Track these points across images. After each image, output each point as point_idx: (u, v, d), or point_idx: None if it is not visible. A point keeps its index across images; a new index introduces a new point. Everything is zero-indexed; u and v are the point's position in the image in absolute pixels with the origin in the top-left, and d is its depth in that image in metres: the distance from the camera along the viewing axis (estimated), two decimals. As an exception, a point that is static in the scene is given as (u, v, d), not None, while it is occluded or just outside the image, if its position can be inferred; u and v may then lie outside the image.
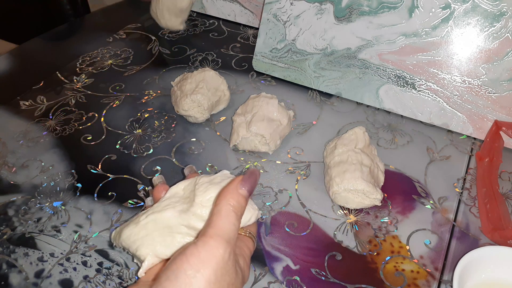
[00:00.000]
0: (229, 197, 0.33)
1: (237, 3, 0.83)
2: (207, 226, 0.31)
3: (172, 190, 0.39)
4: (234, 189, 0.33)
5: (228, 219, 0.31)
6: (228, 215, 0.32)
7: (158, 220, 0.36)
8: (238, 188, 0.33)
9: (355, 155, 0.51)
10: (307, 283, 0.43)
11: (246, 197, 0.34)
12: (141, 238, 0.36)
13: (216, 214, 0.32)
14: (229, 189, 0.33)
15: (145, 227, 0.36)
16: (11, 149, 0.58)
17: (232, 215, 0.32)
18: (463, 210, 0.51)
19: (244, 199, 0.33)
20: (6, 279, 0.43)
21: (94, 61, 0.75)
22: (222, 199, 0.33)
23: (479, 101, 0.58)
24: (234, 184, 0.34)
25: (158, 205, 0.38)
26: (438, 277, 0.44)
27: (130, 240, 0.36)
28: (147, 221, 0.36)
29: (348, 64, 0.64)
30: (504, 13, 0.54)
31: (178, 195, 0.38)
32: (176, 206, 0.37)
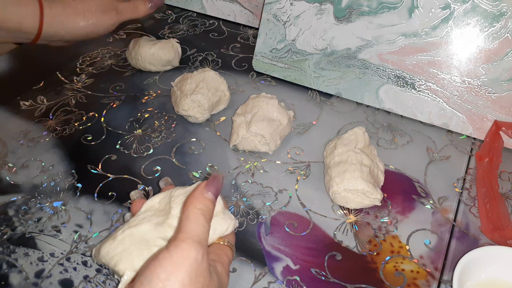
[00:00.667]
0: (196, 201, 0.33)
1: (237, 3, 0.83)
2: (177, 231, 0.32)
3: (148, 203, 0.39)
4: (200, 194, 0.34)
5: (197, 222, 0.32)
6: (197, 219, 0.32)
7: (135, 235, 0.36)
8: (203, 192, 0.34)
9: (355, 155, 0.51)
10: (307, 283, 0.43)
11: (212, 200, 0.34)
12: (118, 253, 0.36)
13: (185, 219, 0.32)
14: (195, 195, 0.34)
15: (122, 242, 0.36)
16: (11, 149, 0.58)
17: (201, 218, 0.32)
18: (463, 210, 0.51)
19: (211, 202, 0.34)
20: (6, 279, 0.44)
21: (94, 61, 0.75)
22: (189, 204, 0.33)
23: (479, 101, 0.58)
24: (199, 190, 0.34)
25: (134, 219, 0.38)
26: (438, 277, 0.44)
27: (109, 256, 0.36)
28: (123, 236, 0.36)
29: (348, 64, 0.64)
30: (504, 13, 0.54)
31: (154, 208, 0.38)
32: (151, 219, 0.37)
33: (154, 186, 0.53)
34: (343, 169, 0.49)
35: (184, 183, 0.54)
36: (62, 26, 0.54)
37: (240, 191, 0.53)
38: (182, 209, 0.33)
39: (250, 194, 0.52)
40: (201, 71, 0.62)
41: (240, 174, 0.55)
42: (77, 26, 0.56)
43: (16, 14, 0.50)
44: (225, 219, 0.37)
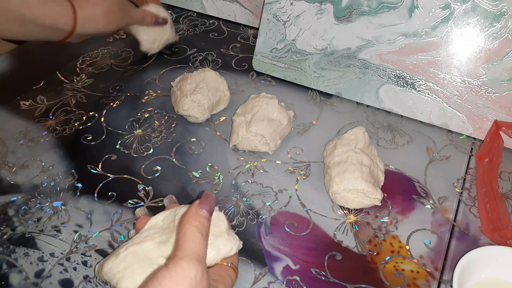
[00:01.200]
0: (191, 219, 0.33)
1: (237, 3, 0.83)
2: (175, 250, 0.32)
3: (152, 221, 0.39)
4: (194, 212, 0.34)
5: (194, 240, 0.32)
6: (193, 236, 0.32)
7: (138, 252, 0.36)
8: (198, 210, 0.34)
9: (355, 155, 0.51)
10: (307, 283, 0.43)
11: (207, 217, 0.34)
12: (121, 271, 0.36)
13: (182, 238, 0.32)
14: (189, 213, 0.34)
15: (125, 260, 0.36)
16: (11, 149, 0.58)
17: (197, 235, 0.32)
18: (463, 210, 0.51)
19: (206, 219, 0.34)
20: (6, 279, 0.44)
21: (94, 61, 0.75)
22: (184, 223, 0.33)
23: (479, 101, 0.58)
24: (193, 208, 0.34)
25: (138, 236, 0.38)
26: (438, 277, 0.44)
27: (111, 273, 0.36)
28: (126, 253, 0.36)
29: (348, 64, 0.64)
30: (504, 13, 0.54)
31: (158, 226, 0.38)
32: (155, 237, 0.37)
33: (154, 186, 0.53)
34: (343, 169, 0.49)
35: (184, 183, 0.54)
36: (93, 24, 0.58)
37: (240, 191, 0.53)
38: (178, 228, 0.33)
39: (250, 194, 0.52)
40: (201, 71, 0.62)
41: (240, 174, 0.55)
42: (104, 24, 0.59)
43: (53, 11, 0.53)
44: (229, 239, 0.36)
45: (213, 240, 0.35)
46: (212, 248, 0.35)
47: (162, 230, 0.37)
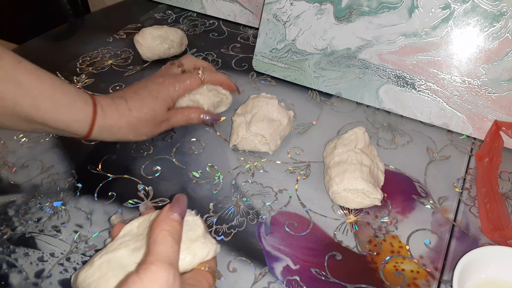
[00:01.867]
0: (162, 223, 0.32)
1: (237, 3, 0.83)
2: (146, 255, 0.31)
3: (126, 228, 0.38)
4: (165, 216, 0.33)
5: (165, 244, 0.31)
6: (164, 240, 0.31)
7: (112, 260, 0.35)
8: (169, 214, 0.33)
9: (355, 155, 0.51)
10: (307, 283, 0.43)
11: (178, 220, 0.33)
12: (96, 280, 0.35)
13: (153, 243, 0.31)
14: (160, 217, 0.33)
15: (100, 268, 0.35)
16: (11, 149, 0.58)
17: (168, 239, 0.32)
18: (463, 210, 0.51)
19: (178, 223, 0.33)
20: (6, 279, 0.43)
21: (94, 61, 0.75)
22: (155, 227, 0.32)
23: (479, 101, 0.58)
24: (164, 212, 0.34)
25: (112, 244, 0.37)
26: (438, 277, 0.44)
27: (86, 283, 0.35)
28: (101, 261, 0.36)
29: (348, 64, 0.64)
30: (504, 13, 0.54)
31: (132, 232, 0.38)
32: (129, 245, 0.36)
33: (154, 186, 0.53)
34: (343, 169, 0.49)
35: (184, 183, 0.54)
36: (111, 134, 0.51)
37: (240, 191, 0.53)
38: (149, 233, 0.33)
39: (250, 194, 0.52)
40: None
41: (240, 174, 0.55)
42: (128, 136, 0.53)
43: (67, 117, 0.47)
44: (205, 243, 0.36)
45: (189, 245, 0.35)
46: (188, 252, 0.34)
47: (136, 237, 0.37)
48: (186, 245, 0.34)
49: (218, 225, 0.49)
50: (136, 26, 0.85)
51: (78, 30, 0.88)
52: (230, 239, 0.47)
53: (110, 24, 0.86)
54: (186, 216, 0.36)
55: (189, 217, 0.37)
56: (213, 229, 0.48)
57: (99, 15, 0.94)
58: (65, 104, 0.46)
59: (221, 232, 0.48)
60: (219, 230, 0.48)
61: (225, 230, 0.48)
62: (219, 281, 0.43)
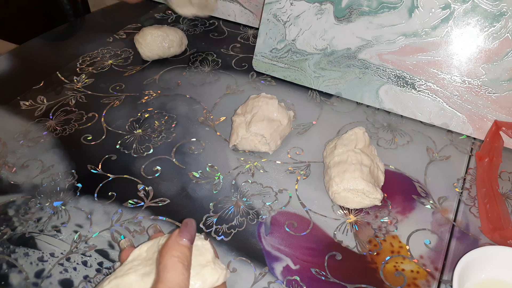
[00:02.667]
0: (171, 250, 0.32)
1: (237, 3, 0.83)
2: (156, 282, 0.31)
3: (135, 252, 0.38)
4: (175, 242, 0.33)
5: (175, 271, 0.31)
6: (174, 267, 0.31)
7: (121, 286, 0.35)
8: (178, 240, 0.33)
9: (355, 155, 0.51)
10: (307, 283, 0.43)
11: (188, 246, 0.33)
12: None
13: (163, 269, 0.31)
14: (169, 244, 0.33)
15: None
16: (11, 149, 0.58)
17: (179, 266, 0.31)
18: (463, 210, 0.51)
19: (187, 249, 0.33)
20: (6, 279, 0.43)
21: (94, 61, 0.75)
22: (164, 254, 0.32)
23: (479, 101, 0.58)
24: (173, 238, 0.33)
25: (121, 269, 0.36)
26: (438, 277, 0.44)
27: None
28: (110, 286, 0.35)
29: (348, 64, 0.64)
30: (504, 13, 0.54)
31: (141, 257, 0.37)
32: (138, 270, 0.35)
33: (154, 186, 0.53)
34: (343, 169, 0.49)
35: (184, 183, 0.54)
36: None
37: (240, 191, 0.53)
38: (158, 260, 0.32)
39: (250, 194, 0.52)
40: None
41: (240, 174, 0.55)
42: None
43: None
44: (215, 269, 0.35)
45: (199, 270, 0.34)
46: (198, 278, 0.34)
47: (145, 262, 0.36)
48: (195, 270, 0.34)
49: (218, 225, 0.49)
50: (136, 26, 0.85)
51: (78, 30, 0.88)
52: (230, 239, 0.47)
53: (110, 24, 0.86)
54: (196, 240, 0.36)
55: (199, 242, 0.36)
56: (213, 229, 0.48)
57: (99, 15, 0.94)
58: None
59: (221, 232, 0.48)
60: (219, 230, 0.48)
61: (225, 230, 0.48)
62: (219, 281, 0.43)
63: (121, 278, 0.35)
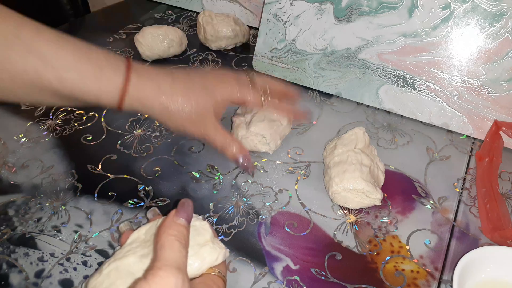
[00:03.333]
0: (168, 229, 0.32)
1: (237, 3, 0.83)
2: (153, 260, 0.31)
3: (134, 235, 0.38)
4: (172, 221, 0.33)
5: (172, 249, 0.31)
6: (171, 245, 0.31)
7: (120, 268, 0.35)
8: (175, 219, 0.33)
9: (354, 155, 0.51)
10: (307, 283, 0.43)
11: (185, 225, 0.33)
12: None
13: (160, 248, 0.31)
14: (166, 223, 0.33)
15: (108, 276, 0.35)
16: (11, 149, 0.58)
17: (175, 244, 0.31)
18: (463, 210, 0.51)
19: (184, 228, 0.33)
20: (6, 279, 0.43)
21: (94, 61, 0.75)
22: (161, 233, 0.32)
23: (479, 101, 0.58)
24: (170, 217, 0.33)
25: (120, 251, 0.37)
26: (438, 277, 0.44)
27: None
28: (109, 269, 0.35)
29: (348, 64, 0.64)
30: (504, 13, 0.54)
31: (140, 239, 0.37)
32: (137, 251, 0.36)
33: (154, 186, 0.53)
34: (343, 169, 0.49)
35: (184, 183, 0.54)
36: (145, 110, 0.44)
37: (240, 191, 0.53)
38: (155, 239, 0.32)
39: (250, 194, 0.52)
40: None
41: (240, 174, 0.55)
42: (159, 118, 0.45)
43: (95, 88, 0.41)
44: (214, 248, 0.35)
45: (198, 250, 0.34)
46: (197, 258, 0.34)
47: (144, 243, 0.37)
48: (194, 250, 0.34)
49: (218, 225, 0.49)
50: (136, 26, 0.85)
51: (78, 30, 0.88)
52: (230, 239, 0.47)
53: (110, 24, 0.86)
54: (194, 221, 0.36)
55: (197, 222, 0.36)
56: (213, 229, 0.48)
57: (99, 15, 0.94)
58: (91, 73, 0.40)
59: (221, 232, 0.48)
60: (219, 230, 0.48)
61: (225, 230, 0.48)
62: (219, 281, 0.43)
63: (120, 261, 0.35)
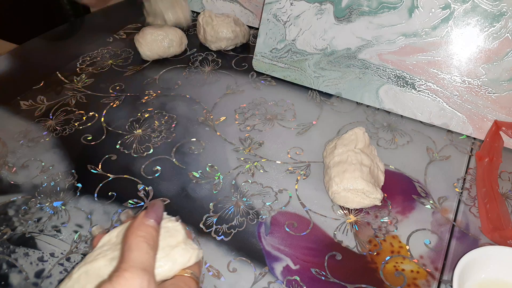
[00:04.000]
0: (136, 230, 0.31)
1: (237, 3, 0.83)
2: (119, 262, 0.30)
3: (105, 238, 0.37)
4: (140, 222, 0.32)
5: (139, 250, 0.30)
6: (139, 246, 0.30)
7: (90, 272, 0.34)
8: (144, 220, 0.32)
9: (354, 155, 0.51)
10: (307, 283, 0.43)
11: (154, 226, 0.33)
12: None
13: (127, 249, 0.30)
14: (134, 224, 0.32)
15: (78, 281, 0.34)
16: (11, 149, 0.58)
17: (143, 245, 0.30)
18: (463, 210, 0.51)
19: (153, 229, 0.32)
20: (6, 279, 0.43)
21: (94, 61, 0.75)
22: (130, 234, 0.31)
23: (479, 101, 0.58)
24: (139, 219, 0.33)
25: (90, 255, 0.35)
26: (438, 277, 0.44)
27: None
28: (79, 273, 0.34)
29: (348, 64, 0.64)
30: (504, 13, 0.54)
31: (111, 242, 0.36)
32: (107, 254, 0.34)
33: (154, 186, 0.53)
34: (343, 169, 0.49)
35: (184, 183, 0.54)
36: None
37: (240, 191, 0.53)
38: (123, 240, 0.31)
39: (250, 194, 0.52)
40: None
41: (240, 174, 0.55)
42: None
43: None
44: (186, 249, 0.34)
45: (169, 251, 0.34)
46: (167, 259, 0.33)
47: (115, 246, 0.35)
48: (165, 252, 0.33)
49: (218, 225, 0.49)
50: (136, 26, 0.85)
51: (78, 30, 0.88)
52: (230, 239, 0.47)
53: (110, 24, 0.86)
54: (166, 222, 0.35)
55: (169, 223, 0.35)
56: (213, 229, 0.48)
57: (99, 15, 0.94)
58: None
59: (221, 232, 0.48)
60: (219, 230, 0.48)
61: (225, 230, 0.48)
62: (219, 281, 0.43)
63: (90, 264, 0.34)
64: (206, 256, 0.46)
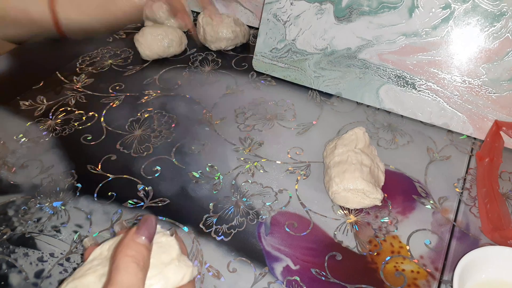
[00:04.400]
0: (125, 248, 0.29)
1: (237, 3, 0.83)
2: (106, 284, 0.28)
3: (96, 251, 0.35)
4: (130, 240, 0.30)
5: (127, 271, 0.28)
6: (127, 267, 0.28)
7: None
8: (134, 238, 0.30)
9: (355, 155, 0.50)
10: (307, 283, 0.43)
11: (145, 244, 0.31)
12: None
13: (114, 270, 0.28)
14: (124, 242, 0.30)
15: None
16: (11, 149, 0.58)
17: (132, 266, 0.28)
18: (463, 210, 0.51)
19: (144, 247, 0.30)
20: (6, 279, 0.43)
21: (94, 61, 0.75)
22: (118, 253, 0.29)
23: (479, 101, 0.58)
24: (130, 236, 0.31)
25: (80, 269, 0.34)
26: (438, 277, 0.44)
27: None
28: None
29: (348, 64, 0.64)
30: (504, 13, 0.54)
31: (102, 256, 0.34)
32: (97, 270, 0.33)
33: (154, 186, 0.53)
34: (343, 169, 0.49)
35: (184, 183, 0.54)
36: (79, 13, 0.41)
37: (240, 191, 0.53)
38: (111, 259, 0.30)
39: (250, 194, 0.52)
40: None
41: (240, 174, 0.55)
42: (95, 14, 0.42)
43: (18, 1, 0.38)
44: (180, 266, 0.32)
45: (162, 269, 0.32)
46: (160, 278, 0.31)
47: (106, 261, 0.33)
48: (158, 269, 0.32)
49: (218, 225, 0.49)
50: (136, 26, 0.85)
51: (78, 30, 0.88)
52: (230, 239, 0.47)
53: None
54: (160, 237, 0.34)
55: (163, 238, 0.34)
56: (213, 229, 0.48)
57: (99, 15, 0.94)
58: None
59: (221, 232, 0.48)
60: (219, 230, 0.48)
61: (225, 230, 0.48)
62: (219, 281, 0.43)
63: (78, 280, 0.32)
64: (206, 256, 0.46)
